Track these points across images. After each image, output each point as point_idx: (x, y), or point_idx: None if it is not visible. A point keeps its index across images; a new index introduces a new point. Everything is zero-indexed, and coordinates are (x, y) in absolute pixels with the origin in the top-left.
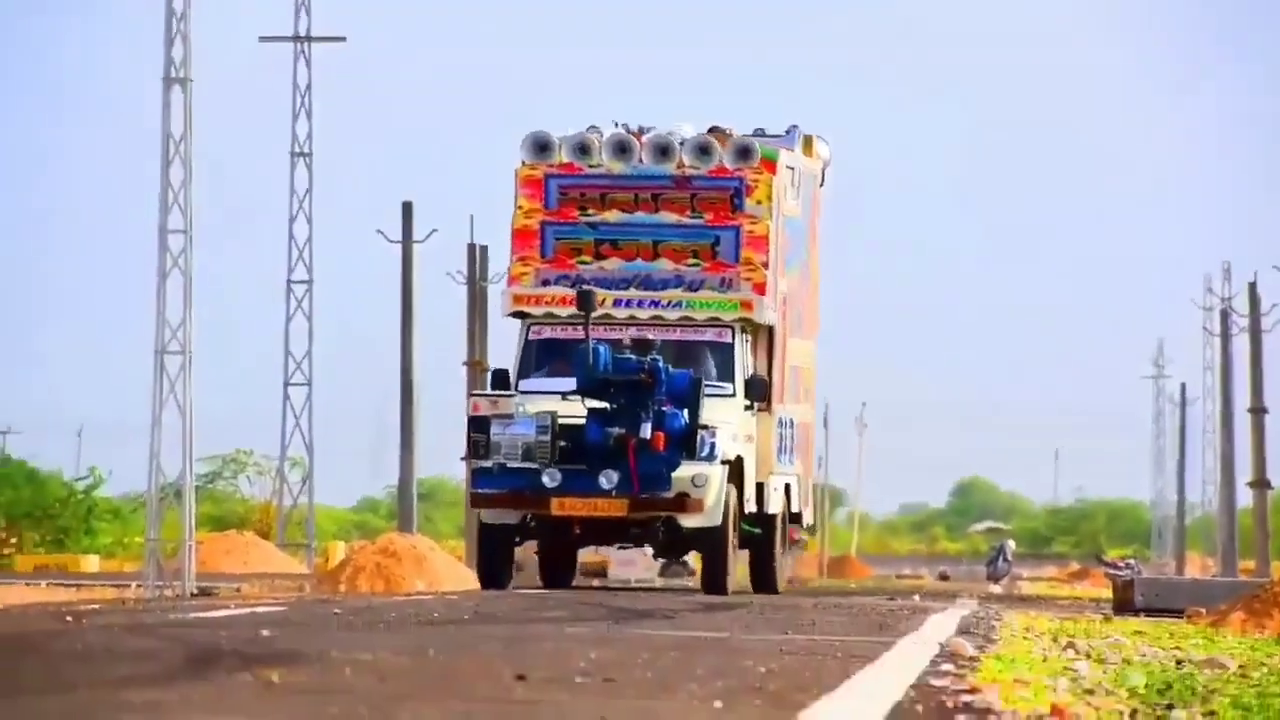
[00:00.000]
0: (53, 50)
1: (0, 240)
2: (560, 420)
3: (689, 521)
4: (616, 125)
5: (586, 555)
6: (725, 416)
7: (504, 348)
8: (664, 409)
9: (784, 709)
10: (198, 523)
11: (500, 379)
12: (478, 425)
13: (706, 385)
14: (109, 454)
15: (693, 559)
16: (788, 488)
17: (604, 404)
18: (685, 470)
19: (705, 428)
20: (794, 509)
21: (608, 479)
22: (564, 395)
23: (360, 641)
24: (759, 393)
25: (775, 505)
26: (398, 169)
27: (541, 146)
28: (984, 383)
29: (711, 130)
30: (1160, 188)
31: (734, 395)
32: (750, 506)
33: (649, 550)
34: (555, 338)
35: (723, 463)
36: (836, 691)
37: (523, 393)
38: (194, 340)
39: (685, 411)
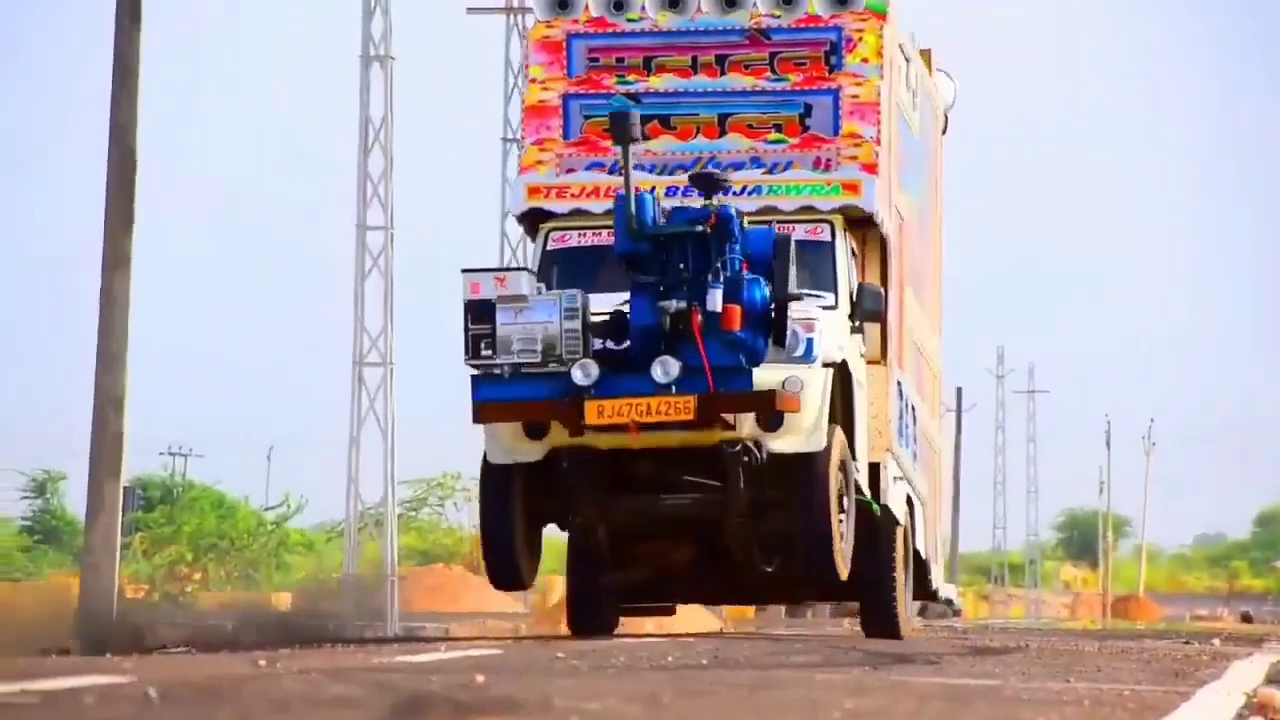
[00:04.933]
0: (240, 26)
1: (171, 239)
2: (594, 307)
3: (779, 443)
4: None
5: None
6: (824, 324)
7: None
8: (739, 276)
9: None
10: (401, 555)
11: None
12: (479, 313)
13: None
14: (301, 478)
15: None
16: (909, 503)
17: (651, 277)
18: (769, 372)
19: (796, 298)
20: (919, 547)
21: (664, 369)
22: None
23: (586, 688)
24: (870, 306)
25: (895, 501)
26: None
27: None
28: None
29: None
30: None
31: (835, 308)
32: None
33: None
34: (585, 245)
35: (825, 365)
36: None
37: None
38: (396, 350)
39: (768, 285)
